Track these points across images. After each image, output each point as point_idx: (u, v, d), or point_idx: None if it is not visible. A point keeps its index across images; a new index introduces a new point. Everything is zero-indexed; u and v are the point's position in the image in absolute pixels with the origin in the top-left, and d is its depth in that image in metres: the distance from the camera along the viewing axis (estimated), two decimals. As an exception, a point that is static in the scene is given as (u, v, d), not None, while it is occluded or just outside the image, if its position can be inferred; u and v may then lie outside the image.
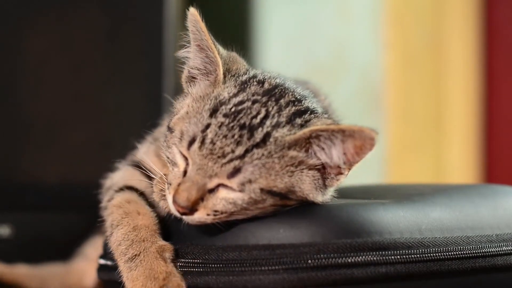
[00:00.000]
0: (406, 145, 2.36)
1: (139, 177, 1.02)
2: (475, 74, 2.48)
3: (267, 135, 0.88)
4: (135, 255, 0.92)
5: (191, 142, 0.89)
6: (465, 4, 2.44)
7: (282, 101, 0.92)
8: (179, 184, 0.89)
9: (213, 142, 0.87)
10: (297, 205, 0.90)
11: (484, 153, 2.50)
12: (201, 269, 0.90)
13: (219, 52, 0.95)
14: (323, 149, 0.89)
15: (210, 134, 0.88)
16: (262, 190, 0.88)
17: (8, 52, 1.65)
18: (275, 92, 0.93)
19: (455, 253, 0.93)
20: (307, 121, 0.91)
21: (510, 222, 1.01)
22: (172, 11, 1.70)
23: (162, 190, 0.95)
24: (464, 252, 0.93)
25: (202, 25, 0.93)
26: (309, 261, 0.86)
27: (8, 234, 1.59)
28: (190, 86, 0.97)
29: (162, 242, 0.94)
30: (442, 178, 2.37)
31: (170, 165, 0.93)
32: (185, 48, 0.97)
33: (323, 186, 0.92)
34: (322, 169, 0.91)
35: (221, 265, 0.89)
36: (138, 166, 1.04)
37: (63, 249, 1.29)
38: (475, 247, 0.94)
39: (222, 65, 0.94)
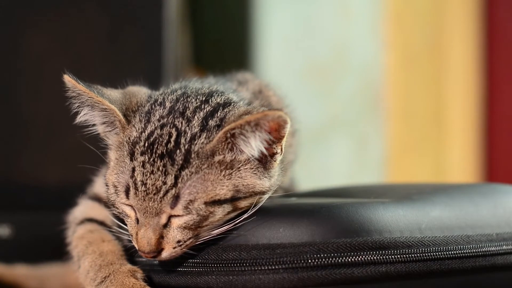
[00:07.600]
0: (406, 145, 2.36)
1: (98, 208, 1.03)
2: (475, 73, 2.48)
3: (188, 153, 0.88)
4: (105, 277, 0.92)
5: (127, 192, 0.89)
6: (465, 4, 2.44)
7: (187, 113, 0.91)
8: (137, 233, 0.89)
9: (144, 183, 0.87)
10: (250, 205, 0.90)
11: (484, 152, 2.50)
12: (201, 269, 0.90)
13: (110, 99, 0.94)
14: (243, 142, 0.88)
15: (138, 177, 0.88)
16: (206, 203, 0.87)
17: (8, 52, 1.65)
18: (178, 107, 0.92)
19: (455, 252, 0.92)
20: (221, 119, 0.90)
21: (510, 221, 1.01)
22: (172, 11, 1.70)
23: None
24: (464, 251, 0.93)
25: (80, 87, 0.93)
26: (309, 260, 0.86)
27: (8, 234, 1.59)
28: (108, 139, 0.97)
29: (131, 266, 0.94)
30: (442, 178, 2.37)
31: (124, 218, 0.92)
32: (80, 113, 0.96)
33: (265, 171, 0.91)
34: (257, 158, 0.90)
35: (221, 265, 0.89)
36: (97, 198, 1.05)
37: (63, 249, 1.28)
38: (475, 246, 0.94)
39: (118, 110, 0.93)
